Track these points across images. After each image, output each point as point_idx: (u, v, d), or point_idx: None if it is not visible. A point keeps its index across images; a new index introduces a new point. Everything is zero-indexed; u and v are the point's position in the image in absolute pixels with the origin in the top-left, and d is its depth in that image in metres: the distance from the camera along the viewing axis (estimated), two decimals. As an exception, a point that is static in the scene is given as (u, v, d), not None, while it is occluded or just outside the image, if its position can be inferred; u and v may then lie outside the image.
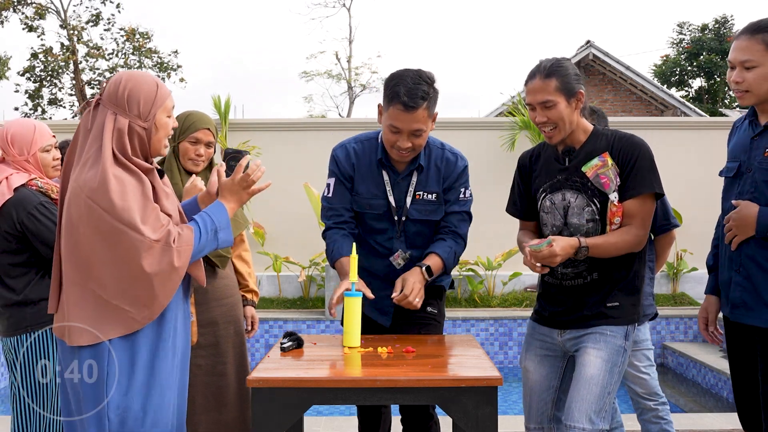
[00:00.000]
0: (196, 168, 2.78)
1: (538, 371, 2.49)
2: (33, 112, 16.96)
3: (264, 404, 2.06)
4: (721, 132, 8.63)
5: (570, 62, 2.39)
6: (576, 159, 2.38)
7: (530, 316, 2.61)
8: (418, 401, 2.16)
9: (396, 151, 2.58)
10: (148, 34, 17.10)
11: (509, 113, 8.35)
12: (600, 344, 2.32)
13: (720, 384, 5.93)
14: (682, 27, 23.86)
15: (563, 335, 2.43)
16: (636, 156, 2.30)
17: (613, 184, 2.30)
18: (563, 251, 2.23)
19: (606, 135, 2.38)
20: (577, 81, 2.33)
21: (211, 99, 8.05)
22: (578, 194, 2.35)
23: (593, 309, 2.36)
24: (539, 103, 2.32)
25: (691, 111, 15.49)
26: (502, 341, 7.25)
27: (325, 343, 2.57)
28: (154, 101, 1.96)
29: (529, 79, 2.36)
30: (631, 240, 2.30)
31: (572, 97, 2.32)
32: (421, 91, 2.47)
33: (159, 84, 2.01)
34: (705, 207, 8.53)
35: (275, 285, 8.08)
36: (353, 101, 21.01)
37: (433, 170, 2.68)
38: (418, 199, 2.67)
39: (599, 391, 2.27)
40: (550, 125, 2.33)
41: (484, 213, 8.17)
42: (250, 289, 3.03)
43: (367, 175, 2.69)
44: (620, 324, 2.35)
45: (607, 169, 2.31)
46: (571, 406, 2.28)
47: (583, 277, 2.38)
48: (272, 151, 8.08)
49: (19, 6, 16.17)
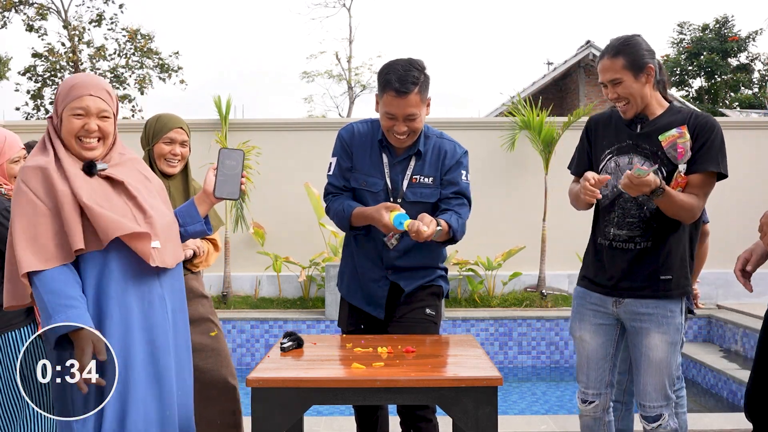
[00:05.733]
0: (173, 169, 2.79)
1: (595, 340, 2.60)
2: (36, 112, 16.95)
3: (264, 404, 2.06)
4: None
5: (641, 38, 2.51)
6: (649, 127, 2.48)
7: (577, 282, 2.70)
8: (418, 401, 2.16)
9: (394, 136, 2.64)
10: (151, 36, 17.10)
11: (509, 113, 8.34)
12: (663, 327, 2.47)
13: (720, 384, 5.93)
14: (683, 27, 23.82)
15: (618, 306, 2.54)
16: (711, 135, 2.41)
17: (686, 156, 2.40)
18: (655, 183, 2.30)
19: (682, 111, 2.49)
20: (649, 56, 2.45)
21: (211, 99, 8.05)
22: (645, 160, 2.45)
23: (647, 281, 2.47)
24: (608, 81, 2.45)
25: (692, 111, 15.46)
26: (502, 341, 7.25)
27: (325, 343, 2.57)
28: (62, 98, 2.04)
29: (599, 59, 2.50)
30: (695, 204, 2.40)
31: (641, 73, 2.43)
32: (411, 76, 2.55)
33: (77, 84, 2.05)
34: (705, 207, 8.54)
35: (275, 285, 8.08)
36: (353, 101, 21.00)
37: (431, 156, 2.73)
38: (414, 183, 2.72)
39: (669, 371, 2.48)
40: (622, 101, 2.46)
41: (484, 213, 8.18)
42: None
43: (367, 153, 2.75)
44: (674, 298, 2.48)
45: (684, 140, 2.40)
46: (647, 388, 2.49)
47: (635, 242, 2.49)
48: (272, 151, 8.07)
49: (20, 6, 16.17)
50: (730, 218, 7.79)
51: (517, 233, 8.02)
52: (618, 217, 2.51)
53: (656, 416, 2.49)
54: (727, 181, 2.57)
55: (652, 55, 2.46)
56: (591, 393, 2.62)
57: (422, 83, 2.59)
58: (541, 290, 7.80)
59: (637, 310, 2.49)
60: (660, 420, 2.49)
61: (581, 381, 2.65)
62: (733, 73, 22.57)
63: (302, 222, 7.95)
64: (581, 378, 2.65)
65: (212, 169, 2.22)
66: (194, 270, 2.82)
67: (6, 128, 2.72)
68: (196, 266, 2.81)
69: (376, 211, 2.57)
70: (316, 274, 7.92)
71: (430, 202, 2.73)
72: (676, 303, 2.49)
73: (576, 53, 15.20)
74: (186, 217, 2.22)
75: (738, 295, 7.97)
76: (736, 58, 22.77)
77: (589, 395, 2.62)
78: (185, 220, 2.22)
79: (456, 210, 2.70)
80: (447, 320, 7.15)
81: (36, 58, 16.42)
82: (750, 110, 19.96)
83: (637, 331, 2.51)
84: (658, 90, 2.51)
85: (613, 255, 2.52)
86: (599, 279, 2.57)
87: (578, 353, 2.66)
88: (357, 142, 2.77)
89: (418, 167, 2.72)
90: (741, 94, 23.13)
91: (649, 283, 2.47)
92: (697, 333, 7.29)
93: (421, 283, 2.75)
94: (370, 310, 2.78)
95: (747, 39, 22.43)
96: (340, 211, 2.72)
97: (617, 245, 2.51)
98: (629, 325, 2.54)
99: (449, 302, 7.68)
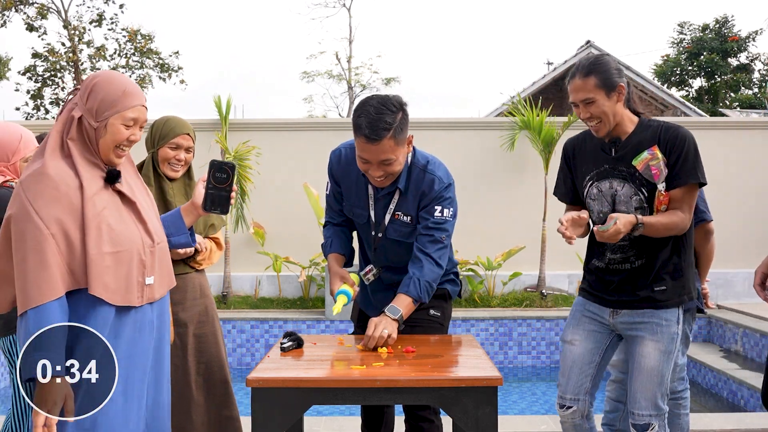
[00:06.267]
0: (175, 173, 2.77)
1: (584, 345, 2.61)
2: (36, 112, 16.95)
3: (264, 404, 2.06)
4: (722, 132, 8.63)
5: (611, 57, 2.52)
6: (623, 149, 2.48)
7: (578, 293, 2.73)
8: (419, 401, 2.16)
9: (371, 178, 2.54)
10: (151, 36, 17.10)
11: (509, 113, 8.34)
12: (657, 335, 2.47)
13: (720, 384, 5.93)
14: (683, 27, 23.82)
15: (615, 317, 2.55)
16: (683, 147, 2.42)
17: (662, 176, 2.42)
18: (625, 228, 2.34)
19: (652, 126, 2.49)
20: (618, 75, 2.44)
21: (211, 99, 8.05)
22: (625, 183, 2.47)
23: (642, 293, 2.49)
24: (580, 100, 2.44)
25: (691, 111, 15.47)
26: (502, 341, 7.25)
27: (325, 343, 2.57)
28: (112, 104, 1.91)
29: (570, 79, 2.48)
30: (679, 221, 2.42)
31: (613, 91, 2.42)
32: (383, 122, 2.38)
33: (128, 90, 1.94)
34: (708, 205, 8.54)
35: (275, 285, 8.08)
36: (353, 101, 20.99)
37: (412, 193, 2.62)
38: (396, 219, 2.64)
39: (660, 380, 2.47)
40: (595, 120, 2.45)
41: (484, 212, 8.19)
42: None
43: (354, 184, 2.69)
44: (670, 307, 2.48)
45: (657, 161, 2.42)
46: (637, 395, 2.48)
47: (630, 262, 2.51)
48: (272, 151, 8.07)
49: (20, 6, 16.17)
50: (730, 219, 7.78)
51: (517, 233, 8.02)
52: (610, 243, 2.52)
53: (645, 425, 2.47)
54: (727, 181, 2.60)
55: (621, 74, 2.47)
56: (568, 398, 2.61)
57: (396, 127, 2.40)
58: (541, 290, 7.79)
59: (633, 320, 2.52)
60: (649, 430, 2.47)
61: (560, 385, 2.65)
62: (733, 73, 22.58)
63: (302, 222, 7.94)
64: (561, 381, 2.65)
65: (202, 180, 2.18)
66: (198, 267, 2.82)
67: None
68: (200, 264, 2.81)
69: (333, 275, 2.64)
70: (316, 274, 7.92)
71: (408, 241, 2.65)
72: (672, 312, 2.49)
73: (576, 53, 15.17)
74: (171, 227, 2.18)
75: (738, 295, 7.97)
76: (736, 58, 22.78)
77: (567, 400, 2.61)
78: (170, 230, 2.18)
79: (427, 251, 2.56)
80: (447, 320, 7.14)
81: (36, 58, 16.43)
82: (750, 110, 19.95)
83: (633, 340, 2.53)
84: (628, 107, 2.51)
85: (610, 274, 2.56)
86: (600, 292, 2.60)
87: (563, 357, 2.66)
88: (343, 171, 2.69)
89: (400, 203, 2.63)
90: (741, 94, 23.13)
91: (645, 295, 2.49)
92: (697, 333, 7.29)
93: None
94: (370, 312, 2.79)
95: (747, 39, 22.44)
96: (324, 247, 2.80)
97: (614, 267, 2.55)
98: (626, 334, 2.56)
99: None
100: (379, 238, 2.67)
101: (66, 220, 1.82)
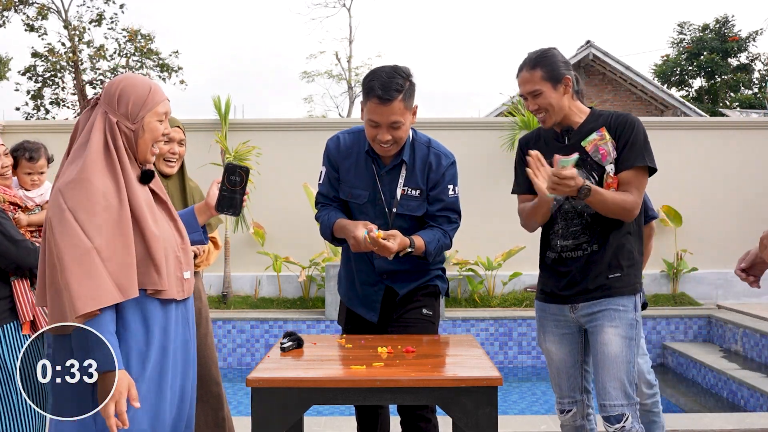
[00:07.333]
0: (171, 169, 2.78)
1: (561, 351, 2.63)
2: (36, 112, 16.95)
3: (264, 404, 2.06)
4: (722, 132, 8.64)
5: (557, 51, 2.58)
6: (575, 137, 2.55)
7: (536, 297, 2.73)
8: (418, 401, 2.16)
9: (378, 145, 2.61)
10: (151, 36, 17.11)
11: (509, 113, 8.35)
12: (615, 321, 2.47)
13: (720, 384, 5.93)
14: (683, 27, 23.83)
15: (575, 311, 2.56)
16: (631, 131, 2.48)
17: (610, 156, 2.48)
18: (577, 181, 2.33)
19: (603, 115, 2.57)
20: (565, 68, 2.52)
21: (211, 99, 8.05)
22: (578, 169, 2.46)
23: (596, 282, 2.50)
24: (528, 92, 2.52)
25: (691, 111, 15.49)
26: (502, 341, 7.25)
27: (325, 343, 2.57)
28: (144, 103, 1.97)
29: (518, 72, 2.56)
30: (628, 200, 2.44)
31: (559, 84, 2.50)
32: (395, 83, 2.52)
33: (153, 88, 2.01)
34: (704, 207, 8.55)
35: (275, 285, 8.08)
36: (353, 101, 20.99)
37: (419, 167, 2.70)
38: (404, 195, 2.70)
39: (626, 367, 2.45)
40: (542, 111, 2.52)
41: (483, 213, 8.19)
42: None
43: (355, 165, 2.73)
44: (625, 294, 2.50)
45: (604, 141, 2.49)
46: (605, 386, 2.46)
47: (582, 249, 2.53)
48: (272, 151, 8.08)
49: (20, 6, 16.17)
50: (729, 218, 7.80)
51: (517, 233, 7.89)
52: (562, 229, 2.56)
53: (618, 416, 2.44)
54: (727, 181, 2.61)
55: (568, 67, 2.53)
56: (567, 401, 2.64)
57: (407, 90, 2.55)
58: (541, 290, 7.79)
59: (591, 311, 2.52)
60: (623, 421, 2.43)
61: (556, 391, 2.68)
62: (733, 73, 22.58)
63: (302, 222, 7.94)
64: (555, 388, 2.68)
65: (216, 182, 2.23)
66: (195, 270, 2.82)
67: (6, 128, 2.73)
68: (198, 266, 2.81)
69: (354, 225, 2.58)
70: (316, 274, 7.92)
71: (416, 215, 2.70)
72: (628, 298, 2.50)
73: (576, 53, 15.19)
74: (186, 225, 2.21)
75: (738, 295, 7.97)
76: (736, 58, 22.79)
77: (566, 404, 2.64)
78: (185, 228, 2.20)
79: (443, 228, 2.69)
80: (447, 320, 7.15)
81: (36, 58, 16.42)
82: (750, 110, 19.96)
83: (593, 330, 2.53)
84: (578, 99, 2.57)
85: (564, 265, 2.56)
86: (553, 289, 2.60)
87: (548, 365, 2.70)
88: (343, 154, 2.75)
89: (408, 177, 2.69)
90: (741, 94, 23.14)
91: (599, 284, 2.50)
92: (697, 333, 7.29)
93: (417, 284, 2.76)
94: (363, 313, 2.79)
95: (747, 39, 22.45)
96: (324, 222, 2.75)
97: (566, 255, 2.55)
98: (587, 327, 2.56)
99: (449, 302, 7.68)
100: (393, 213, 2.69)
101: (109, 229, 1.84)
